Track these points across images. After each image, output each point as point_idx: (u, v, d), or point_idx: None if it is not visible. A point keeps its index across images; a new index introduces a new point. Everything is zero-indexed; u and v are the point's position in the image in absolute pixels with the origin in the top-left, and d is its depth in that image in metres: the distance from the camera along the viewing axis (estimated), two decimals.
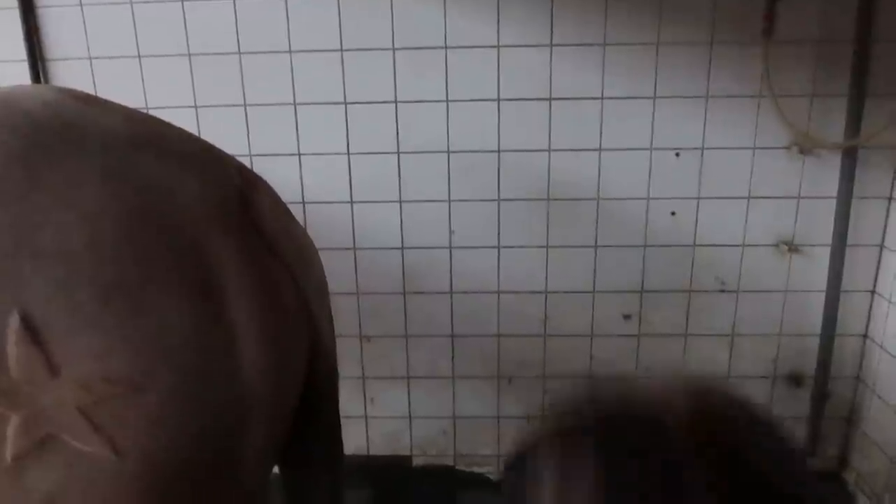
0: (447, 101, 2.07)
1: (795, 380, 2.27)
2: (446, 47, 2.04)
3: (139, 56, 2.09)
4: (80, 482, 0.80)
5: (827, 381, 2.24)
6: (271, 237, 0.94)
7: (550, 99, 2.06)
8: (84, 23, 2.07)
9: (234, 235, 0.88)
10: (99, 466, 0.79)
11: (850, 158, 2.04)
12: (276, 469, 1.15)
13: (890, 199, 2.10)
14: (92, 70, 2.11)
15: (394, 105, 2.09)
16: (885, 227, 2.12)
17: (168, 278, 0.82)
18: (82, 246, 0.77)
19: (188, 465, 0.85)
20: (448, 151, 2.12)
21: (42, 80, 2.10)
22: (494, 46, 2.03)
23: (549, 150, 2.11)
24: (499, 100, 2.08)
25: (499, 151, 2.12)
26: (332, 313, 1.16)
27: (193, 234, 0.84)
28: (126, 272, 0.79)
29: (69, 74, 2.11)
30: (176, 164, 0.88)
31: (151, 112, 2.08)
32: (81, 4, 2.05)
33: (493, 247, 2.20)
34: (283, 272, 0.94)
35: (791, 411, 2.30)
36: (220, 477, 0.91)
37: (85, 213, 0.78)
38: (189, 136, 0.97)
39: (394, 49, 2.05)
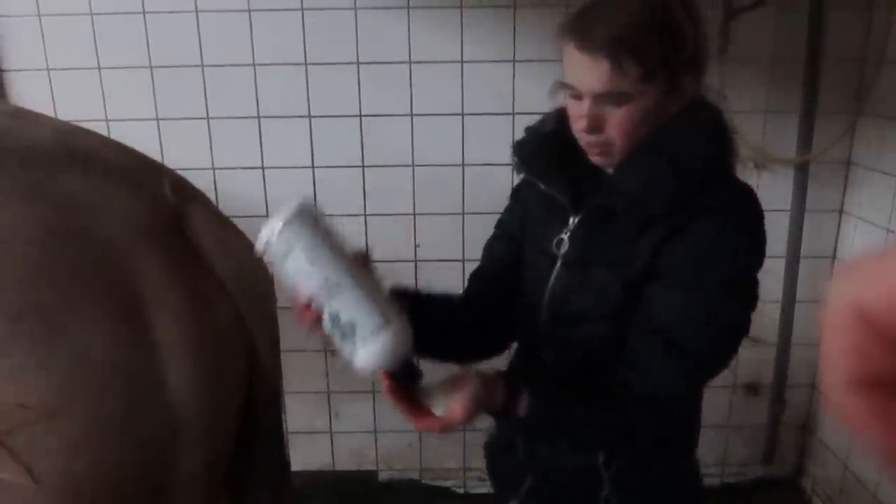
0: (411, 115, 2.09)
1: (753, 389, 2.32)
2: (410, 62, 2.05)
3: (99, 68, 2.06)
4: None
5: (784, 389, 2.30)
6: (206, 255, 0.91)
7: (514, 113, 2.08)
8: (42, 34, 2.03)
9: (162, 253, 0.85)
10: (16, 494, 0.76)
11: (803, 173, 2.10)
12: None
13: (841, 212, 2.16)
14: (50, 82, 2.07)
15: (358, 119, 2.10)
16: (837, 238, 2.19)
17: (88, 299, 0.79)
18: None
19: (112, 493, 0.82)
20: (413, 165, 2.13)
21: None
22: (458, 61, 2.05)
23: (512, 165, 2.12)
24: (462, 114, 2.10)
25: (463, 165, 2.14)
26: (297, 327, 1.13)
27: (117, 252, 0.81)
28: (42, 294, 0.76)
29: (27, 86, 2.07)
30: (105, 179, 0.85)
31: (112, 125, 2.07)
32: (40, 15, 2.02)
33: (458, 260, 2.21)
34: (217, 290, 0.91)
35: (750, 419, 2.35)
36: None
37: None
38: (124, 150, 0.94)
39: (358, 63, 2.05)
